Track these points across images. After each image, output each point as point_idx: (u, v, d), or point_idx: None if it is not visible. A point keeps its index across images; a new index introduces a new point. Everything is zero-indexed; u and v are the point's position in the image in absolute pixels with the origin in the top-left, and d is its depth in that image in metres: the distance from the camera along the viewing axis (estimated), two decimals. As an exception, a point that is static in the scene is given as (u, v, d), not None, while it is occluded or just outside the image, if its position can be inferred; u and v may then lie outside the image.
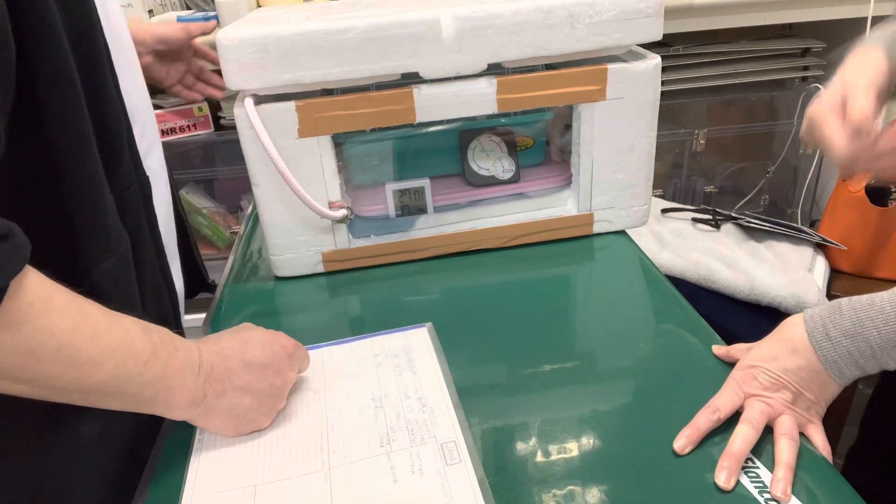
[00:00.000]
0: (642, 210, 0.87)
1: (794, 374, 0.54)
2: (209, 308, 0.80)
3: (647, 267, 0.80)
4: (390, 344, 0.67)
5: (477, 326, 0.71)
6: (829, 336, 0.53)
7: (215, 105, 1.59)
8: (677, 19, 1.50)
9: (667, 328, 0.69)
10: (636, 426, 0.56)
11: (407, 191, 0.82)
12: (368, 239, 0.83)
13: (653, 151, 0.83)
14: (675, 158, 1.75)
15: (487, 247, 0.85)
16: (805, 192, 1.79)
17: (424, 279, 0.80)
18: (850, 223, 1.28)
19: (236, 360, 0.54)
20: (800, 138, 0.72)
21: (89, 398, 0.45)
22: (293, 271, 0.82)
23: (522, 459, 0.53)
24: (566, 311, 0.73)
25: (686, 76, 1.61)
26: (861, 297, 0.53)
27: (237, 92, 0.72)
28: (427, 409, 0.58)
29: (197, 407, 0.51)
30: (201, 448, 0.56)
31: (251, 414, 0.55)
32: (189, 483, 0.52)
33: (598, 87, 0.77)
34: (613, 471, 0.52)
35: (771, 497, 0.48)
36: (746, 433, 0.52)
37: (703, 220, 1.35)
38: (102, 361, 0.44)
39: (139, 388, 0.47)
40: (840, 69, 0.65)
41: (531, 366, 0.64)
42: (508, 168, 0.89)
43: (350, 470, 0.52)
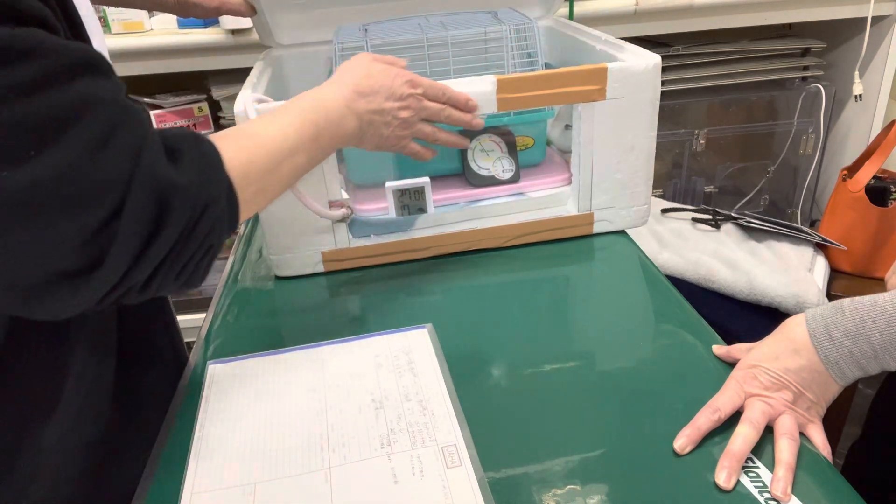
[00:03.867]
0: (642, 210, 0.87)
1: (796, 374, 0.54)
2: (209, 308, 0.80)
3: (647, 267, 0.80)
4: (390, 344, 0.67)
5: (477, 326, 0.71)
6: (831, 336, 0.53)
7: (215, 105, 1.59)
8: (677, 19, 1.50)
9: (667, 328, 0.69)
10: (636, 426, 0.56)
11: (407, 191, 0.81)
12: (368, 239, 0.83)
13: (653, 151, 0.83)
14: (675, 158, 1.75)
15: (487, 247, 0.85)
16: (805, 192, 1.79)
17: (424, 279, 0.80)
18: (850, 223, 1.28)
19: (370, 91, 0.65)
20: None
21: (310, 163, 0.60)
22: (293, 271, 0.82)
23: (522, 459, 0.53)
24: (566, 312, 0.73)
25: (686, 76, 1.61)
26: (863, 297, 0.53)
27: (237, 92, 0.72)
28: (428, 412, 0.58)
29: (360, 131, 0.65)
30: (201, 445, 0.56)
31: (396, 132, 0.68)
32: (189, 480, 0.52)
33: (598, 86, 0.77)
34: (613, 471, 0.52)
35: (771, 497, 0.48)
36: (747, 433, 0.52)
37: (703, 220, 1.35)
38: (297, 154, 0.57)
39: (327, 148, 0.62)
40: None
41: (531, 366, 0.64)
42: (508, 168, 0.89)
43: (350, 470, 0.52)
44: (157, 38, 1.41)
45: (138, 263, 0.43)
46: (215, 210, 0.47)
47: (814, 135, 1.71)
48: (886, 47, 1.59)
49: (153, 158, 0.43)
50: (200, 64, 1.44)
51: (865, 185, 1.26)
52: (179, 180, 0.44)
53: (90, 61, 0.43)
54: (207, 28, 1.42)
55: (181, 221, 0.44)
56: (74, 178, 0.40)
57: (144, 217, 0.43)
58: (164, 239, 0.44)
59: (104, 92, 0.43)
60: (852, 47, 1.65)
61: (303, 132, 0.58)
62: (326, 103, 0.62)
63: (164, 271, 0.46)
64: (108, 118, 0.42)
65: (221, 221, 0.48)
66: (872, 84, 1.64)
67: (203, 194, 0.46)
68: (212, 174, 0.48)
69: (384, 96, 0.66)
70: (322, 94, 0.62)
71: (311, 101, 0.61)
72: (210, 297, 0.83)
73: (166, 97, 1.57)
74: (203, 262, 0.49)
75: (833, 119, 1.75)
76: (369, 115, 0.65)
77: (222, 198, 0.48)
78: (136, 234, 0.43)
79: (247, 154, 0.52)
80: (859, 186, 1.26)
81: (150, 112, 1.52)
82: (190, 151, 0.47)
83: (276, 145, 0.55)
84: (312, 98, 0.62)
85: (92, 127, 0.41)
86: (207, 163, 0.48)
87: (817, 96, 1.66)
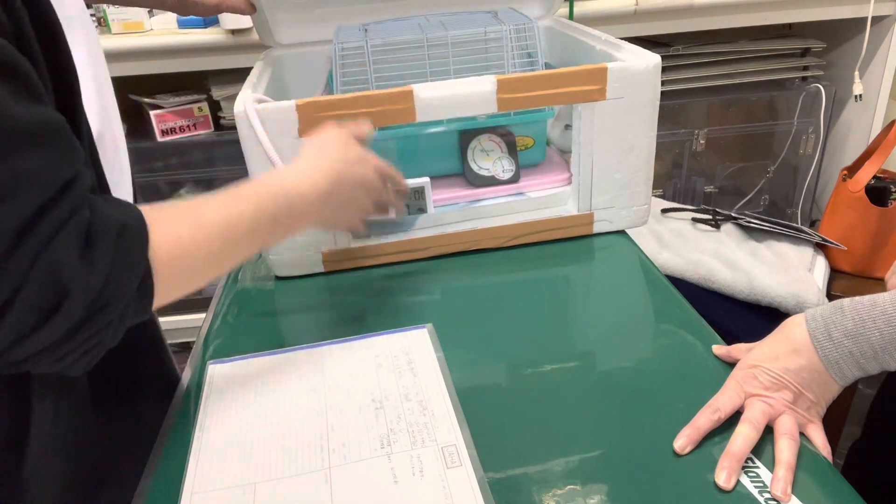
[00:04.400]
0: (642, 210, 0.87)
1: (796, 374, 0.54)
2: (209, 308, 0.80)
3: (647, 267, 0.80)
4: (390, 344, 0.67)
5: (477, 326, 0.71)
6: (831, 336, 0.53)
7: (215, 105, 1.59)
8: (677, 19, 1.50)
9: (667, 328, 0.69)
10: (636, 426, 0.56)
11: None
12: (368, 239, 0.83)
13: (653, 151, 0.83)
14: (675, 158, 1.75)
15: (487, 247, 0.85)
16: (805, 192, 1.79)
17: (424, 279, 0.80)
18: (850, 223, 1.28)
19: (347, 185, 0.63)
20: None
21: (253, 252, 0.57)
22: (293, 271, 0.82)
23: (522, 459, 0.53)
24: (566, 311, 0.73)
25: (686, 76, 1.61)
26: (863, 297, 0.53)
27: (237, 92, 0.72)
28: (428, 412, 0.58)
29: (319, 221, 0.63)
30: (201, 445, 0.56)
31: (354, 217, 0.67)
32: (189, 479, 0.52)
33: (598, 86, 0.77)
34: (613, 471, 0.52)
35: (771, 497, 0.48)
36: (747, 433, 0.52)
37: (703, 220, 1.35)
38: (241, 245, 0.54)
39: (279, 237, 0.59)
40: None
41: (531, 366, 0.64)
42: (508, 168, 0.89)
43: (350, 470, 0.52)
44: (157, 38, 1.41)
45: (19, 345, 0.41)
46: (115, 309, 0.44)
47: (814, 135, 1.72)
48: (886, 47, 1.59)
49: (63, 249, 0.41)
50: (200, 64, 1.44)
51: (865, 185, 1.25)
52: (81, 276, 0.42)
53: (47, 132, 0.41)
54: (207, 28, 1.42)
55: (72, 317, 0.42)
56: None
57: (37, 306, 0.40)
58: (48, 330, 0.41)
59: (43, 171, 0.41)
60: (852, 47, 1.65)
61: (257, 222, 0.54)
62: (295, 194, 0.58)
63: (41, 356, 0.43)
64: (40, 198, 0.40)
65: (120, 320, 0.45)
66: (872, 84, 1.64)
67: (106, 292, 0.43)
68: (124, 270, 0.44)
69: (358, 189, 0.64)
70: (294, 182, 0.58)
71: (275, 189, 0.57)
72: (210, 297, 0.83)
73: (166, 97, 1.57)
74: (87, 357, 0.45)
75: (833, 119, 1.75)
76: (337, 206, 0.63)
77: (128, 296, 0.45)
78: (25, 321, 0.40)
79: (182, 245, 0.48)
80: (859, 186, 1.26)
81: (151, 112, 1.53)
82: (107, 242, 0.43)
83: (221, 236, 0.51)
84: (279, 186, 0.57)
85: (16, 209, 0.39)
86: (123, 257, 0.44)
87: (817, 96, 1.66)
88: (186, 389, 0.64)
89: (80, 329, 0.43)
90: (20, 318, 0.40)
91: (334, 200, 0.62)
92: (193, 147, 1.60)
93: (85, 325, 0.43)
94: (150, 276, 0.46)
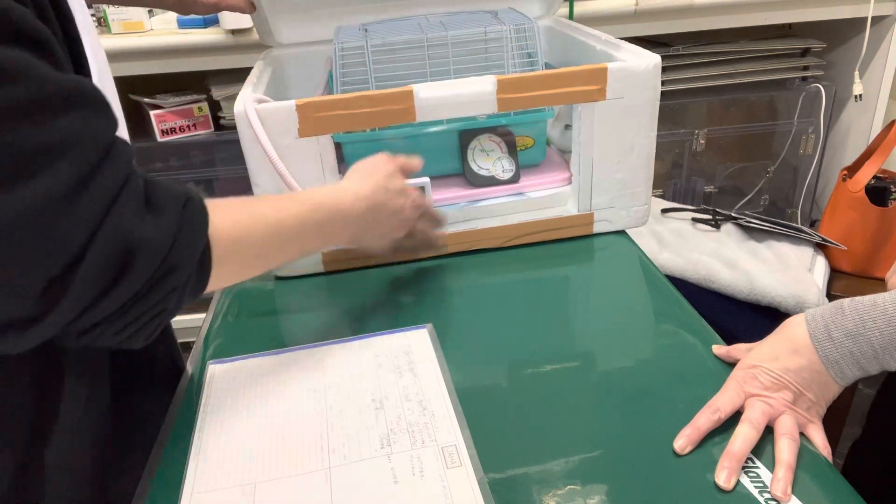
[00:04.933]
0: (642, 210, 0.87)
1: (796, 375, 0.54)
2: (208, 308, 0.80)
3: (647, 267, 0.80)
4: (390, 344, 0.67)
5: (477, 326, 0.71)
6: (832, 336, 0.53)
7: (215, 105, 1.59)
8: (677, 19, 1.50)
9: (667, 328, 0.69)
10: (636, 426, 0.56)
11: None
12: (368, 239, 0.83)
13: (653, 151, 0.83)
14: (675, 158, 1.75)
15: (487, 247, 0.85)
16: (805, 192, 1.79)
17: (424, 279, 0.80)
18: (850, 223, 1.28)
19: (384, 212, 0.66)
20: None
21: (295, 256, 0.60)
22: (293, 271, 0.82)
23: (522, 459, 0.53)
24: (566, 311, 0.73)
25: (686, 76, 1.61)
26: (863, 297, 0.53)
27: (237, 92, 0.72)
28: (428, 412, 0.58)
29: (351, 239, 0.66)
30: (201, 445, 0.56)
31: (384, 244, 0.70)
32: (189, 479, 0.52)
33: (598, 86, 0.77)
34: (613, 471, 0.52)
35: (771, 497, 0.48)
36: (747, 433, 0.51)
37: (703, 220, 1.35)
38: (289, 245, 0.57)
39: (317, 247, 0.65)
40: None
41: (531, 366, 0.64)
42: (508, 168, 0.89)
43: (350, 470, 0.52)
44: (157, 38, 1.41)
45: (84, 315, 0.41)
46: (181, 275, 0.44)
47: (814, 135, 1.72)
48: (886, 47, 1.59)
49: (126, 210, 0.41)
50: (200, 64, 1.44)
51: (865, 185, 1.25)
52: (149, 237, 0.42)
53: (82, 95, 0.41)
54: (207, 28, 1.42)
55: (139, 281, 0.42)
56: (42, 222, 0.38)
57: (102, 272, 0.40)
58: (116, 295, 0.41)
59: (90, 131, 0.40)
60: (852, 47, 1.65)
61: (304, 227, 0.58)
62: (339, 210, 0.62)
63: (105, 326, 0.43)
64: (86, 161, 0.40)
65: (183, 289, 0.46)
66: (872, 84, 1.64)
67: (172, 257, 0.43)
68: (189, 239, 0.45)
69: (393, 216, 0.68)
70: (338, 197, 0.62)
71: (324, 202, 0.61)
72: (210, 297, 0.83)
73: (166, 97, 1.57)
74: (149, 326, 0.45)
75: (833, 119, 1.75)
76: (373, 228, 0.66)
77: (192, 266, 0.45)
78: (91, 287, 0.40)
79: (239, 230, 0.51)
80: (859, 186, 1.26)
81: (151, 112, 1.53)
82: (173, 210, 0.44)
83: (273, 231, 0.54)
84: (328, 199, 0.61)
85: (68, 170, 0.39)
86: (188, 226, 0.45)
87: (817, 96, 1.66)
88: (186, 389, 0.64)
89: (146, 295, 0.43)
90: (88, 282, 0.40)
91: (368, 223, 0.65)
92: (193, 147, 1.60)
93: (151, 290, 0.43)
94: (210, 252, 0.47)
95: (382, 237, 0.69)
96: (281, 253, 0.57)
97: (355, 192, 0.64)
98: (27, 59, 0.38)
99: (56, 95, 0.39)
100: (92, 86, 0.42)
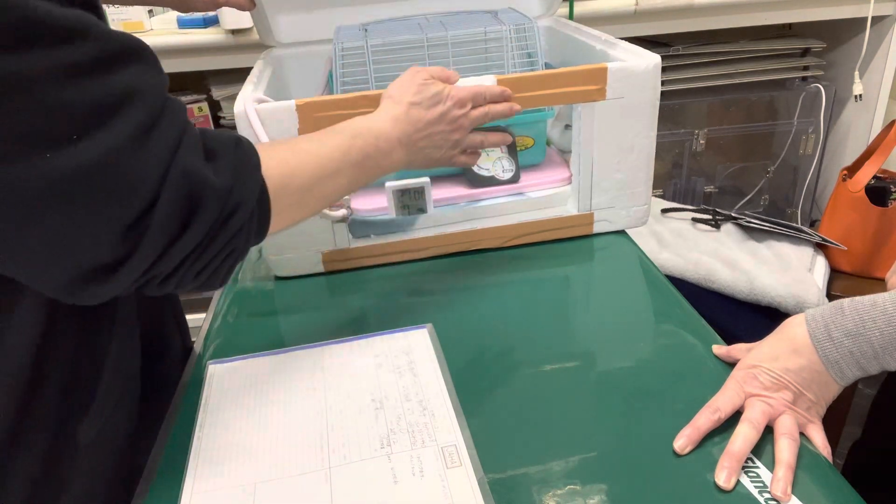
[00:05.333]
0: (642, 210, 0.87)
1: (796, 375, 0.54)
2: (209, 308, 0.80)
3: (647, 267, 0.80)
4: (390, 344, 0.67)
5: (477, 326, 0.71)
6: (831, 336, 0.53)
7: (215, 105, 1.59)
8: (677, 19, 1.49)
9: (667, 328, 0.69)
10: (636, 426, 0.56)
11: (407, 191, 0.81)
12: (368, 239, 0.83)
13: (653, 151, 0.83)
14: (675, 158, 1.75)
15: (487, 247, 0.85)
16: (805, 192, 1.79)
17: (424, 279, 0.80)
18: (850, 223, 1.28)
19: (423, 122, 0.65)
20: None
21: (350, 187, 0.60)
22: (293, 271, 0.82)
23: (522, 459, 0.53)
24: (566, 311, 0.73)
25: (686, 76, 1.61)
26: (863, 297, 0.53)
27: (237, 92, 0.72)
28: (428, 412, 0.58)
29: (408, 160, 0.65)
30: (201, 445, 0.56)
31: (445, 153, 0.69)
32: (189, 480, 0.52)
33: (598, 86, 0.77)
34: (613, 471, 0.52)
35: (771, 497, 0.48)
36: (747, 433, 0.51)
37: (703, 220, 1.35)
38: (339, 176, 0.58)
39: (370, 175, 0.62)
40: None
41: (531, 366, 0.64)
42: (508, 168, 0.89)
43: (350, 470, 0.52)
44: (157, 38, 1.41)
45: (163, 257, 0.44)
46: (244, 213, 0.47)
47: (814, 135, 1.71)
48: (886, 47, 1.59)
49: (189, 154, 0.44)
50: (200, 64, 1.44)
51: (865, 185, 1.25)
52: (212, 179, 0.45)
53: (138, 50, 0.43)
54: (207, 28, 1.42)
55: (209, 220, 0.45)
56: (116, 167, 0.40)
57: (176, 213, 0.43)
58: (191, 235, 0.44)
59: (149, 83, 0.43)
60: (852, 47, 1.65)
61: (349, 156, 0.58)
62: (378, 133, 0.62)
63: (187, 268, 0.46)
64: (150, 110, 0.42)
65: (250, 226, 0.49)
66: (872, 84, 1.64)
67: (234, 196, 0.46)
68: (246, 178, 0.48)
69: (438, 124, 0.66)
70: (375, 122, 0.62)
71: (362, 128, 0.61)
72: (210, 297, 0.83)
73: (166, 97, 1.57)
74: (225, 265, 0.49)
75: (833, 119, 1.74)
76: (421, 144, 0.65)
77: (253, 202, 0.48)
78: (167, 229, 0.43)
79: (288, 167, 0.52)
80: (859, 186, 1.26)
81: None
82: (227, 153, 0.47)
83: (320, 164, 0.55)
84: (365, 125, 0.62)
85: (136, 117, 0.41)
86: (244, 166, 0.48)
87: (817, 96, 1.66)
88: (186, 389, 0.64)
89: (217, 234, 0.46)
90: (163, 225, 0.42)
91: (417, 140, 0.65)
92: (193, 147, 1.60)
93: (220, 229, 0.46)
94: (266, 190, 0.50)
95: (441, 147, 0.67)
96: (334, 184, 0.57)
97: (392, 114, 0.64)
98: (89, 18, 0.40)
99: (120, 50, 0.42)
100: (144, 43, 0.45)
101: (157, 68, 0.45)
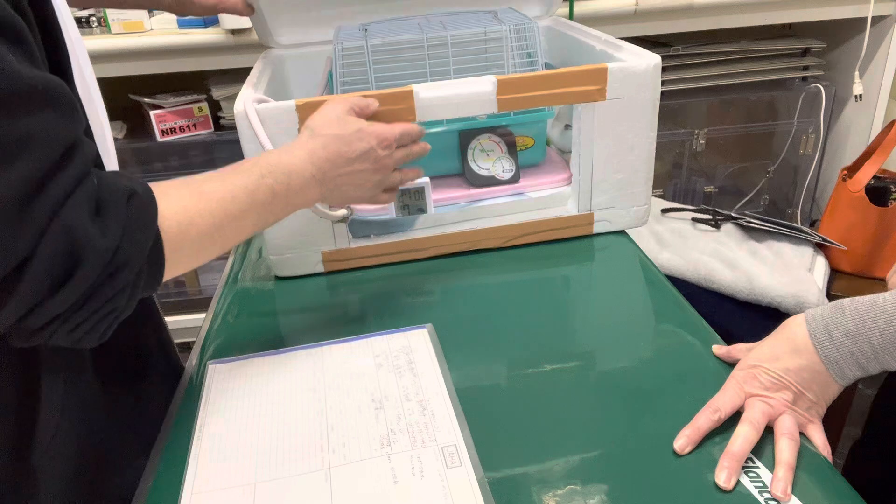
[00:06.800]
0: (642, 210, 0.87)
1: (796, 375, 0.54)
2: (209, 308, 0.80)
3: (647, 267, 0.80)
4: (390, 344, 0.67)
5: (477, 326, 0.71)
6: (832, 336, 0.53)
7: (215, 105, 1.59)
8: (677, 19, 1.50)
9: (667, 328, 0.69)
10: (636, 426, 0.56)
11: (407, 191, 0.81)
12: (368, 239, 0.83)
13: (653, 151, 0.83)
14: (675, 158, 1.75)
15: (487, 247, 0.85)
16: (805, 192, 1.79)
17: (424, 279, 0.80)
18: (850, 223, 1.28)
19: (343, 159, 0.62)
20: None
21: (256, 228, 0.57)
22: (293, 271, 0.82)
23: (522, 459, 0.53)
24: (566, 312, 0.73)
25: (686, 76, 1.61)
26: (863, 297, 0.53)
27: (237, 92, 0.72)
28: (428, 412, 0.58)
29: (322, 197, 0.63)
30: (201, 445, 0.56)
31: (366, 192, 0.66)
32: (189, 480, 0.52)
33: (598, 86, 0.77)
34: (613, 471, 0.52)
35: (771, 497, 0.48)
36: (747, 433, 0.52)
37: (703, 220, 1.35)
38: (245, 218, 0.55)
39: (279, 214, 0.59)
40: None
41: (531, 366, 0.64)
42: (508, 168, 0.89)
43: (350, 470, 0.52)
44: (157, 38, 1.41)
45: (34, 312, 0.42)
46: (130, 273, 0.45)
47: (814, 135, 1.71)
48: (886, 47, 1.59)
49: (76, 210, 0.41)
50: (200, 64, 1.44)
51: (865, 185, 1.25)
52: (96, 238, 0.42)
53: (49, 95, 0.41)
54: (207, 28, 1.42)
55: (88, 280, 0.42)
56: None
57: (50, 271, 0.41)
58: (65, 294, 0.42)
59: (52, 132, 0.41)
60: (852, 47, 1.65)
61: (255, 196, 0.55)
62: (290, 170, 0.58)
63: (57, 325, 0.43)
64: (44, 161, 0.40)
65: (135, 285, 0.46)
66: (872, 84, 1.64)
67: (120, 255, 0.44)
68: (135, 235, 0.45)
69: (359, 162, 0.63)
70: (289, 157, 0.59)
71: (274, 164, 0.58)
72: (210, 297, 0.83)
73: (166, 97, 1.57)
74: (102, 324, 0.46)
75: (833, 119, 1.74)
76: (339, 182, 0.63)
77: (141, 261, 0.46)
78: (38, 287, 0.41)
79: (187, 214, 0.50)
80: (859, 186, 1.26)
81: (151, 112, 1.53)
82: (117, 208, 0.44)
83: (223, 207, 0.52)
84: (277, 161, 0.58)
85: (26, 168, 0.39)
86: (135, 222, 0.45)
87: (817, 96, 1.66)
88: (187, 389, 0.64)
89: (95, 294, 0.43)
90: (36, 282, 0.40)
91: (334, 178, 0.62)
92: (193, 147, 1.60)
93: (99, 289, 0.43)
94: (161, 243, 0.47)
95: (361, 186, 0.65)
96: (238, 228, 0.55)
97: (308, 147, 0.60)
98: (2, 54, 0.38)
99: (24, 93, 0.39)
100: (61, 85, 0.43)
101: (68, 115, 0.43)
